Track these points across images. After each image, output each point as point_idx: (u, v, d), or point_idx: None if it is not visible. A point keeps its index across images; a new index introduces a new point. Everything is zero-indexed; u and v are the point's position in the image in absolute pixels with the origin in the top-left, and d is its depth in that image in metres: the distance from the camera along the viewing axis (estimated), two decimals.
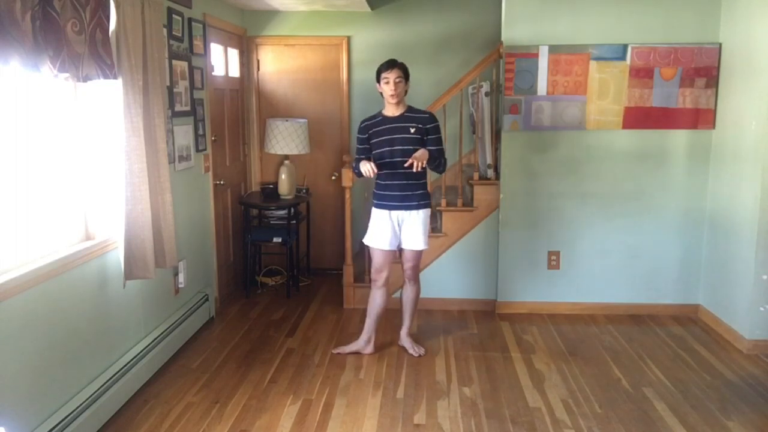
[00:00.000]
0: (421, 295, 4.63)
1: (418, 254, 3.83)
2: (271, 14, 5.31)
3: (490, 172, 4.66)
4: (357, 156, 3.77)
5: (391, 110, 3.71)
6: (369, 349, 3.88)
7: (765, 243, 3.81)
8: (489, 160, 4.69)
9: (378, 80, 3.67)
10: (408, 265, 3.84)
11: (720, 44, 4.26)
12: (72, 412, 2.73)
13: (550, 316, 4.53)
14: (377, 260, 3.79)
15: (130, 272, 3.16)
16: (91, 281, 3.02)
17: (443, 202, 4.61)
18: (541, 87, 4.37)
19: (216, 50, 4.79)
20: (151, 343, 3.50)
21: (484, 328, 4.35)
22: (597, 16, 4.32)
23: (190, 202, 4.17)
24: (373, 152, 3.69)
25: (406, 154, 3.59)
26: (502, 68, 4.43)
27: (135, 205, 3.11)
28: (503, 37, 4.40)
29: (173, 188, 3.51)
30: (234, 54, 5.20)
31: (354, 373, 3.62)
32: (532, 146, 4.47)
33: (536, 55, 4.34)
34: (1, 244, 2.53)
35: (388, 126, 3.68)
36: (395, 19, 5.28)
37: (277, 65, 5.46)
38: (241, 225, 5.18)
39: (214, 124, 4.67)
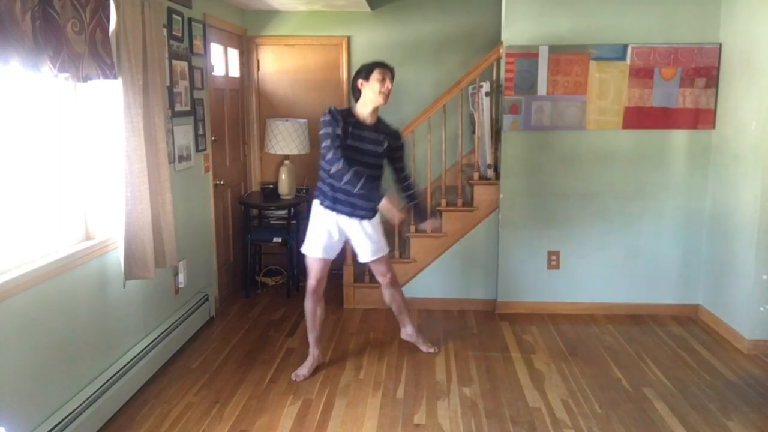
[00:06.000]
0: (422, 296, 4.68)
1: (384, 260, 3.64)
2: (271, 14, 5.31)
3: (490, 172, 4.65)
4: (338, 146, 3.23)
5: (365, 114, 3.38)
6: (321, 358, 3.70)
7: (765, 243, 3.81)
8: (489, 160, 4.68)
9: (366, 76, 3.33)
10: (383, 277, 3.69)
11: (720, 44, 4.26)
12: (72, 412, 2.73)
13: (550, 316, 4.53)
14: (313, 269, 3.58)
15: (130, 272, 3.16)
16: (91, 281, 3.02)
17: (443, 202, 4.61)
18: (541, 87, 4.37)
19: (216, 50, 4.79)
20: (151, 343, 3.50)
21: (484, 328, 4.35)
22: (597, 16, 4.32)
23: (190, 202, 4.17)
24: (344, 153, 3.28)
25: (368, 167, 3.35)
26: (502, 68, 4.43)
27: (135, 205, 3.11)
28: (503, 37, 4.40)
29: (173, 188, 3.51)
30: (234, 54, 5.20)
31: (354, 373, 3.62)
32: (532, 146, 4.47)
33: (536, 55, 4.33)
34: (1, 244, 2.53)
35: (364, 133, 3.35)
36: (395, 19, 5.28)
37: (277, 65, 5.45)
38: (241, 225, 5.18)
39: (214, 124, 4.67)
